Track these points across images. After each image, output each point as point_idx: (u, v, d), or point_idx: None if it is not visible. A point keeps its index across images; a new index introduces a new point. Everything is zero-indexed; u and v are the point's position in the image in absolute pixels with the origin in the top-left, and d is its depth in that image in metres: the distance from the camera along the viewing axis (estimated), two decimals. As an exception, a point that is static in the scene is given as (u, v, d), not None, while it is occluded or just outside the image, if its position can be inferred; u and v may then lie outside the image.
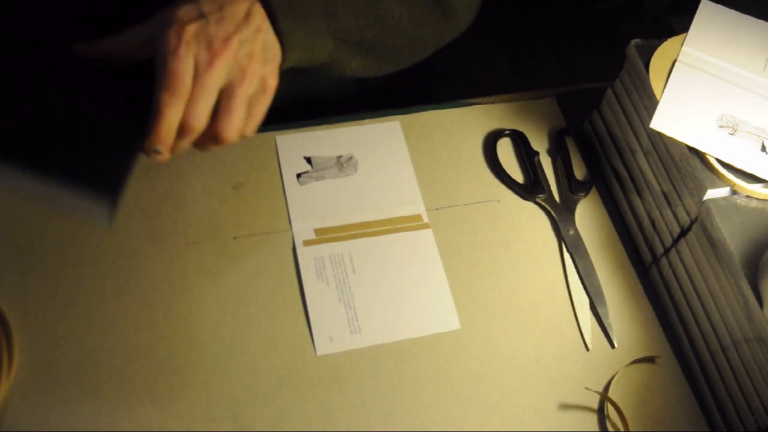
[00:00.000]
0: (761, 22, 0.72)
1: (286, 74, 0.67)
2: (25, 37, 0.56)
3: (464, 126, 0.75)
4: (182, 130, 0.53)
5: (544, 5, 2.10)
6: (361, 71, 0.65)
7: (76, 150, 0.53)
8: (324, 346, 0.61)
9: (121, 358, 0.58)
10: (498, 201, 0.71)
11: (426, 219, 0.69)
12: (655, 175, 0.67)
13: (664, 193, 0.66)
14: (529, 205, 0.71)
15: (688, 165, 0.62)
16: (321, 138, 0.73)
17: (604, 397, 0.60)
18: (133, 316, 0.60)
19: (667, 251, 0.65)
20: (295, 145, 0.72)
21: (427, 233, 0.68)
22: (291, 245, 0.65)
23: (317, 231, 0.67)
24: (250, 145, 0.71)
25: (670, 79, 0.66)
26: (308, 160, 0.71)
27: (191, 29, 0.52)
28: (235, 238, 0.65)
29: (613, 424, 0.60)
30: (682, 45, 0.68)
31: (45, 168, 0.51)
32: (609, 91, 0.73)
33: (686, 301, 0.63)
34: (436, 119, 0.76)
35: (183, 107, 0.52)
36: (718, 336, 0.60)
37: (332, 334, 0.61)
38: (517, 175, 0.73)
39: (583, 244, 0.69)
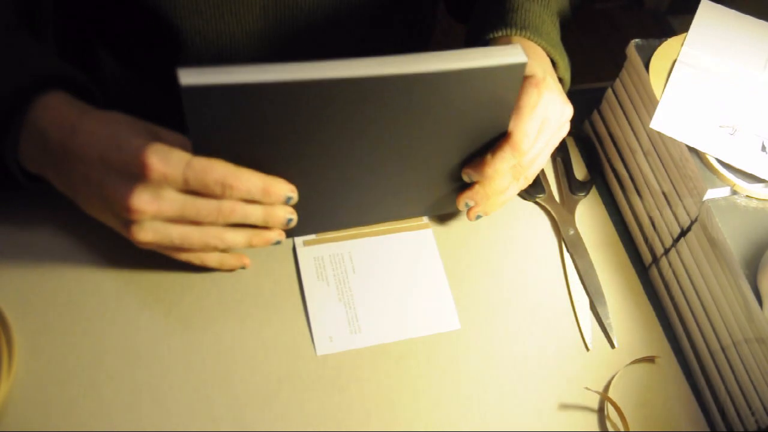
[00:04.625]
0: (761, 22, 0.72)
1: None
2: None
3: (464, 126, 0.75)
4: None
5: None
6: None
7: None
8: (324, 346, 0.61)
9: (121, 358, 0.58)
10: (498, 201, 0.71)
11: (426, 219, 0.69)
12: (655, 175, 0.67)
13: (664, 193, 0.66)
14: (529, 205, 0.71)
15: (688, 165, 0.62)
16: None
17: (604, 397, 0.60)
18: (133, 316, 0.60)
19: (667, 251, 0.65)
20: None
21: (427, 233, 0.68)
22: (291, 245, 0.65)
23: (317, 231, 0.67)
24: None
25: (670, 79, 0.66)
26: None
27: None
28: (235, 238, 0.65)
29: (613, 424, 0.59)
30: (682, 45, 0.68)
31: None
32: (609, 91, 0.73)
33: (686, 301, 0.63)
34: (436, 119, 0.76)
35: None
36: (718, 336, 0.60)
37: (332, 334, 0.61)
38: (517, 175, 0.73)
39: (583, 244, 0.69)
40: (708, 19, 0.71)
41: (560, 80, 0.67)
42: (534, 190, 0.71)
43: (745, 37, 0.70)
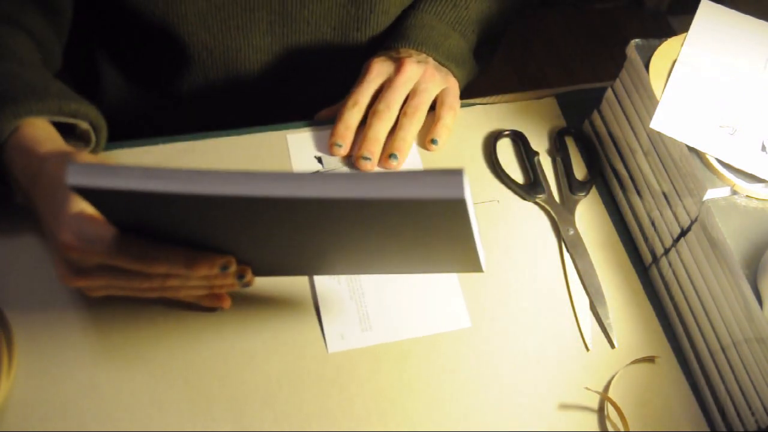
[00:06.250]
0: (761, 22, 0.72)
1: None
2: None
3: (464, 126, 0.75)
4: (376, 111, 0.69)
5: (544, 5, 2.10)
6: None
7: None
8: (335, 343, 0.60)
9: (120, 359, 0.58)
10: (498, 201, 0.71)
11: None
12: (655, 175, 0.67)
13: (664, 193, 0.66)
14: (529, 205, 0.71)
15: (688, 165, 0.62)
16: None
17: (604, 397, 0.60)
18: (133, 316, 0.60)
19: (667, 251, 0.65)
20: (306, 144, 0.72)
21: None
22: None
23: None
24: (262, 144, 0.71)
25: (670, 79, 0.66)
26: (319, 159, 0.71)
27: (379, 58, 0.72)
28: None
29: (613, 424, 0.60)
30: (682, 45, 0.68)
31: None
32: (609, 91, 0.73)
33: (686, 301, 0.63)
34: (436, 119, 0.76)
35: (359, 114, 0.69)
36: (718, 336, 0.60)
37: (343, 331, 0.61)
38: (517, 175, 0.73)
39: (583, 244, 0.69)
40: (708, 19, 0.71)
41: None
42: (534, 190, 0.71)
43: (745, 37, 0.70)
